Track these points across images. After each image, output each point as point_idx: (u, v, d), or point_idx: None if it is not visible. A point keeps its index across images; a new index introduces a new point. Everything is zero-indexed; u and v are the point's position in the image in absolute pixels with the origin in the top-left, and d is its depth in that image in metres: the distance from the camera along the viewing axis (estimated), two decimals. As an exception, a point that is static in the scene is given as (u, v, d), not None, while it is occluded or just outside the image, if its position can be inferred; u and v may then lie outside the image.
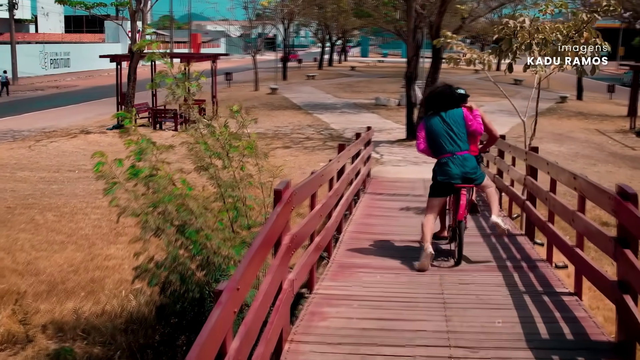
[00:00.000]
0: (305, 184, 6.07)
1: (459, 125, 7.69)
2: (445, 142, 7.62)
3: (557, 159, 21.40)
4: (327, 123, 28.04)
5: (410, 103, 22.84)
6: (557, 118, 31.28)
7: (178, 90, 9.00)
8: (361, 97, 40.21)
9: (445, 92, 7.90)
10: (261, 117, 29.96)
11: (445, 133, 7.64)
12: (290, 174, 17.08)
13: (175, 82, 9.04)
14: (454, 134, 7.64)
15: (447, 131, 7.64)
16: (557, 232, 7.09)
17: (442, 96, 7.86)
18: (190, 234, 8.66)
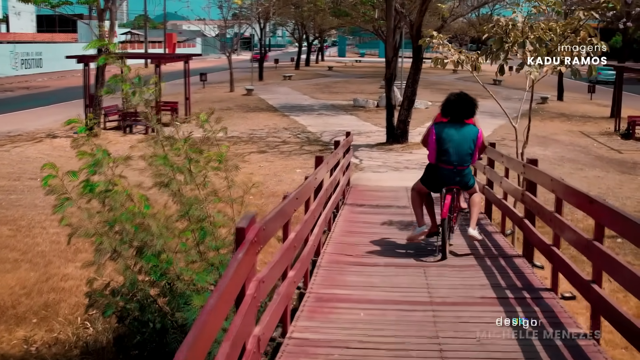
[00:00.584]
0: (275, 215, 5.10)
1: (471, 142, 7.98)
2: (453, 154, 7.91)
3: (543, 163, 20.65)
4: (304, 126, 27.12)
5: (390, 105, 22.00)
6: (540, 120, 30.59)
7: (133, 96, 8.03)
8: (339, 98, 39.33)
9: (466, 100, 8.12)
10: (236, 120, 29.12)
11: (457, 146, 7.91)
12: (265, 182, 16.16)
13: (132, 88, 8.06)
14: (463, 150, 7.94)
15: (459, 145, 7.91)
16: (567, 261, 6.20)
17: (463, 103, 8.07)
18: (149, 259, 7.73)
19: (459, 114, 8.04)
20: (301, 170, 17.53)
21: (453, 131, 7.93)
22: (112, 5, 22.90)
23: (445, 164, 7.96)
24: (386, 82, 22.20)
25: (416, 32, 21.34)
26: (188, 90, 28.07)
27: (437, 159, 8.01)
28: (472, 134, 8.01)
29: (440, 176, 8.05)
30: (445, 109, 8.20)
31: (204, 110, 30.42)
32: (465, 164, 8.03)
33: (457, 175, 8.01)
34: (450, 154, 7.89)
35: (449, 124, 8.05)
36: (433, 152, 8.04)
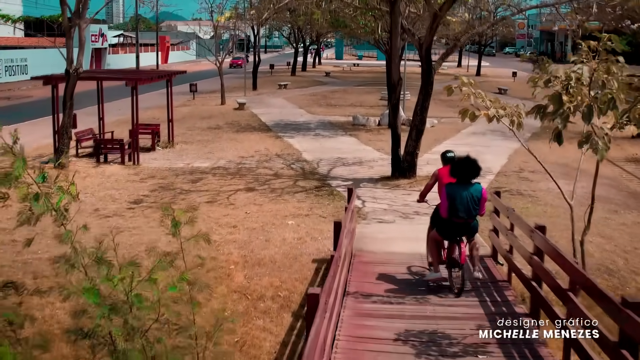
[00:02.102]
0: None
1: (477, 200, 9.43)
2: (463, 210, 9.37)
3: (565, 202, 18.11)
4: (298, 151, 24.52)
5: (396, 135, 19.46)
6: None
7: (37, 205, 5.38)
8: (337, 112, 36.73)
9: (472, 164, 9.47)
10: (224, 143, 26.49)
11: (466, 204, 9.36)
12: (250, 241, 13.56)
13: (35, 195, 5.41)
14: (472, 208, 9.41)
15: (467, 203, 9.36)
16: None
17: (470, 167, 9.44)
18: None
19: (466, 177, 9.45)
20: (293, 222, 14.95)
21: (462, 191, 9.39)
22: (80, 21, 20.26)
23: (457, 219, 9.47)
24: (391, 109, 19.65)
25: (425, 52, 18.79)
26: (171, 112, 25.47)
27: (449, 214, 9.46)
28: (477, 192, 9.49)
29: (454, 228, 9.57)
30: (454, 172, 9.56)
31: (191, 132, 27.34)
32: (473, 217, 9.56)
33: (468, 227, 9.62)
34: (460, 210, 9.37)
35: (457, 185, 9.45)
36: (445, 209, 9.47)
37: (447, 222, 9.55)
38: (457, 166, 9.51)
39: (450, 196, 9.35)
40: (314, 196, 17.77)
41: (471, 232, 9.69)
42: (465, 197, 9.33)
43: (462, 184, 9.42)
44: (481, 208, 9.53)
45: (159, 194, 18.05)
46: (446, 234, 9.70)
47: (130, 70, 24.32)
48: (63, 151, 20.38)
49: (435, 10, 18.06)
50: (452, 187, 9.43)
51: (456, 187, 9.41)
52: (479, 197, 9.42)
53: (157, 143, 24.91)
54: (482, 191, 9.50)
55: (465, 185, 9.42)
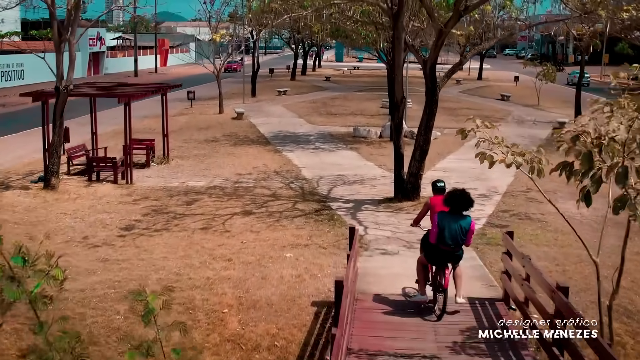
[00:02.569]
0: None
1: (465, 232, 10.01)
2: (449, 239, 9.96)
3: (583, 229, 17.29)
4: (297, 168, 23.75)
5: (399, 155, 18.70)
6: (563, 154, 27.16)
7: (9, 291, 4.57)
8: (337, 122, 35.95)
9: (466, 198, 10.01)
10: (221, 159, 25.66)
11: (455, 234, 9.96)
12: (246, 278, 12.77)
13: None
14: (459, 239, 10.03)
15: (456, 233, 9.96)
16: None
17: (464, 200, 10.00)
18: None
19: (458, 208, 10.03)
20: (292, 254, 14.17)
21: (452, 222, 9.97)
22: (70, 35, 19.47)
23: (444, 246, 10.04)
24: (394, 128, 18.85)
25: (430, 70, 18.02)
26: (166, 127, 24.66)
27: (437, 241, 10.04)
28: (466, 224, 10.05)
29: (440, 254, 10.16)
30: (448, 202, 10.12)
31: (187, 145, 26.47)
32: (459, 247, 10.16)
33: (453, 255, 10.19)
34: (448, 239, 9.96)
35: (449, 215, 10.03)
36: (435, 236, 10.05)
37: (434, 248, 10.19)
38: (451, 198, 10.14)
39: (441, 225, 10.01)
40: (314, 221, 16.99)
41: (456, 259, 10.28)
42: (455, 228, 9.97)
43: (453, 215, 10.06)
44: (468, 239, 10.19)
45: (151, 219, 17.28)
46: (433, 259, 10.35)
47: (124, 85, 23.45)
48: (53, 172, 19.57)
49: (441, 27, 17.30)
50: (443, 216, 10.09)
51: (448, 217, 10.05)
52: (467, 229, 10.05)
53: (152, 159, 24.13)
54: (470, 224, 10.11)
55: (456, 217, 10.05)
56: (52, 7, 19.32)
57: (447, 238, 9.95)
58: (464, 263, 13.82)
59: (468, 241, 10.20)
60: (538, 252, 14.98)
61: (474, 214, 17.67)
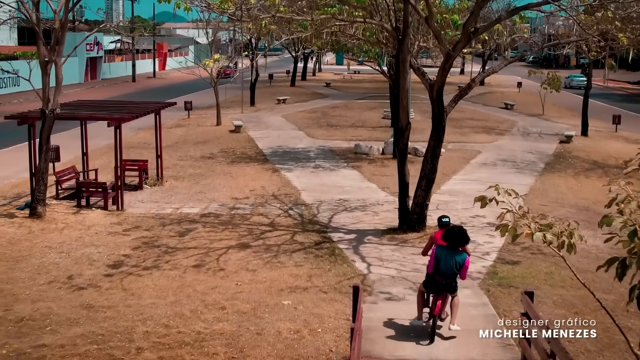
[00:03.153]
0: None
1: (459, 266, 11.09)
2: (444, 271, 11.06)
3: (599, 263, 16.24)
4: (297, 190, 22.76)
5: (404, 183, 17.70)
6: (573, 175, 26.23)
7: None
8: (338, 136, 34.93)
9: (462, 235, 11.06)
10: (217, 180, 24.54)
11: (448, 266, 11.02)
12: (239, 333, 11.76)
13: None
14: (452, 270, 11.07)
15: (450, 267, 11.02)
16: None
17: (460, 237, 11.05)
18: None
19: (455, 244, 11.00)
20: (290, 301, 13.15)
21: (448, 256, 10.98)
22: (57, 57, 18.47)
23: (439, 277, 11.04)
24: (399, 156, 17.85)
25: (437, 95, 17.04)
26: (160, 148, 23.66)
27: (433, 272, 11.07)
28: (462, 260, 11.05)
29: (435, 284, 11.11)
30: (445, 237, 11.08)
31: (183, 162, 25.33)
32: (452, 278, 11.07)
33: (447, 285, 11.09)
34: (443, 270, 11.01)
35: (447, 248, 11.01)
36: (431, 267, 11.12)
37: (430, 277, 11.24)
38: (449, 234, 11.12)
39: (437, 257, 11.08)
40: (314, 257, 16.00)
41: (450, 290, 11.21)
42: (450, 261, 11.00)
43: (450, 249, 11.06)
44: (462, 274, 11.19)
45: (141, 253, 16.29)
46: (428, 287, 11.31)
47: (114, 104, 22.33)
48: (39, 200, 18.57)
49: (449, 50, 16.31)
50: (441, 250, 11.13)
51: (445, 251, 11.08)
52: (461, 265, 11.07)
53: (145, 181, 23.12)
54: (465, 260, 11.12)
55: (453, 251, 11.06)
56: (37, 27, 18.33)
57: (442, 270, 11.03)
58: (475, 310, 12.89)
59: (463, 275, 11.25)
60: (554, 295, 14.01)
61: (482, 248, 16.79)
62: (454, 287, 11.20)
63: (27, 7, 18.53)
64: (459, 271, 11.08)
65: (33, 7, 18.12)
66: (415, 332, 11.39)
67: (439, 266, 11.01)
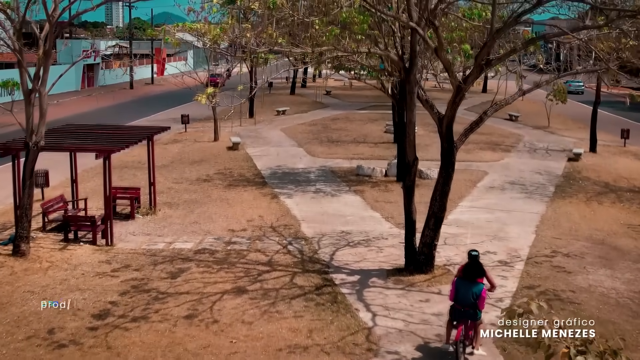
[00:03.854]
0: None
1: (475, 296, 12.08)
2: (462, 300, 12.13)
3: (620, 310, 15.18)
4: (297, 220, 21.67)
5: (410, 221, 16.64)
6: (585, 200, 25.11)
7: None
8: (339, 153, 33.80)
9: (477, 266, 12.34)
10: (213, 208, 23.18)
11: (466, 297, 12.08)
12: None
13: None
14: (470, 300, 12.07)
15: (468, 297, 12.06)
16: None
17: (474, 270, 12.29)
18: None
19: (470, 275, 12.27)
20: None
21: (466, 287, 12.16)
22: (40, 86, 17.39)
23: (458, 306, 12.22)
24: (405, 192, 16.73)
25: (446, 129, 15.97)
26: (153, 174, 22.56)
27: (454, 301, 12.29)
28: (478, 291, 12.13)
29: (456, 312, 12.27)
30: (463, 270, 12.43)
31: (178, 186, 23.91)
32: (471, 307, 12.10)
33: (466, 314, 12.17)
34: (461, 300, 12.17)
35: (464, 280, 12.25)
36: (451, 296, 12.36)
37: (452, 306, 12.37)
38: (465, 267, 12.41)
39: (457, 288, 12.24)
40: (314, 305, 14.89)
41: (471, 318, 12.17)
42: (467, 292, 12.10)
43: (468, 281, 12.21)
44: (480, 304, 12.15)
45: (130, 300, 15.19)
46: (452, 315, 12.38)
47: (103, 130, 21.11)
48: (23, 237, 17.47)
49: (459, 82, 15.23)
50: (460, 281, 12.29)
51: (463, 282, 12.23)
52: (477, 295, 12.09)
53: (137, 210, 22.02)
54: (482, 291, 12.15)
55: (470, 283, 12.18)
56: (20, 55, 17.24)
57: (461, 300, 12.15)
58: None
59: (481, 306, 12.21)
60: (574, 353, 12.86)
61: (495, 294, 15.63)
62: (474, 314, 12.17)
63: (9, 34, 17.44)
64: (476, 300, 12.10)
65: (15, 35, 17.00)
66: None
67: (458, 296, 12.21)
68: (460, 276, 12.36)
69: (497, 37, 14.66)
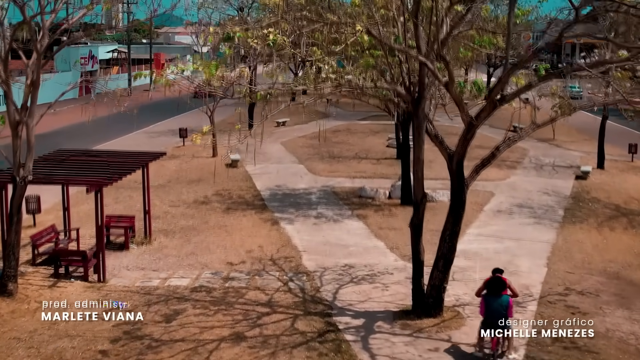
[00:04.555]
0: None
1: (504, 307, 13.65)
2: (492, 312, 13.62)
3: None
4: (298, 252, 20.82)
5: (418, 262, 15.80)
6: (596, 226, 24.23)
7: None
8: (341, 171, 32.90)
9: (498, 282, 13.80)
10: (212, 235, 22.25)
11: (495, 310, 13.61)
12: None
13: None
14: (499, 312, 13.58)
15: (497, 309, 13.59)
16: None
17: (496, 284, 13.79)
18: None
19: (494, 290, 13.77)
20: None
21: (493, 299, 13.73)
22: (27, 119, 16.52)
23: (489, 318, 13.61)
24: (412, 230, 15.84)
25: (457, 166, 15.10)
26: (148, 202, 21.70)
27: (485, 316, 13.74)
28: (505, 302, 13.71)
29: (488, 324, 13.59)
30: (487, 286, 13.88)
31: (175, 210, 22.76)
32: (501, 317, 13.55)
33: (499, 324, 13.48)
34: (490, 312, 13.64)
35: (491, 294, 13.78)
36: (482, 310, 13.88)
37: (484, 320, 13.73)
38: (489, 283, 13.85)
39: (486, 302, 13.75)
40: (317, 355, 14.05)
41: (502, 328, 13.49)
42: (495, 305, 13.62)
43: (494, 295, 13.72)
44: (509, 313, 13.67)
45: (121, 349, 14.33)
46: (485, 326, 13.65)
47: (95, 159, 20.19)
48: (10, 277, 16.61)
49: (471, 118, 14.37)
50: (487, 296, 13.79)
51: (490, 297, 13.73)
52: (505, 306, 13.61)
53: (131, 239, 21.14)
54: (508, 302, 13.69)
55: (496, 296, 13.70)
56: (5, 85, 16.36)
57: (490, 312, 13.60)
58: None
59: (510, 314, 13.73)
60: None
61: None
62: (504, 324, 13.58)
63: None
64: (505, 311, 13.62)
65: (1, 65, 16.12)
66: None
67: (489, 310, 13.69)
68: (486, 292, 13.86)
69: (513, 73, 13.81)
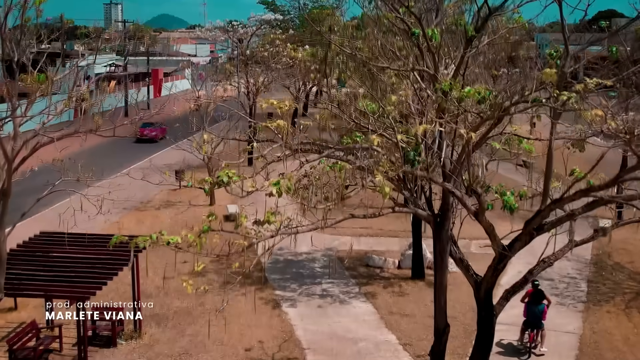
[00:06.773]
0: None
1: (540, 313, 18.53)
2: (532, 316, 18.54)
3: None
4: (301, 350, 19.04)
5: None
6: (623, 307, 22.41)
7: None
8: (345, 227, 30.76)
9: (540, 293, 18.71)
10: (206, 324, 20.58)
11: (535, 314, 18.50)
12: None
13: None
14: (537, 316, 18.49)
15: (535, 314, 18.47)
16: None
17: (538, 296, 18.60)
18: None
19: (535, 300, 18.57)
20: None
21: (533, 306, 18.59)
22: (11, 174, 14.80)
23: (530, 319, 18.54)
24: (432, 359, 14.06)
25: (485, 295, 13.34)
26: (138, 292, 19.87)
27: (526, 316, 18.64)
28: (541, 308, 18.64)
29: (528, 324, 18.60)
30: (531, 295, 18.56)
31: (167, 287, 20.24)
32: (538, 320, 18.47)
33: (535, 325, 18.47)
34: (531, 316, 18.55)
35: (532, 302, 18.66)
36: (525, 313, 18.71)
37: (525, 319, 18.74)
38: (533, 294, 18.65)
39: (528, 307, 18.68)
40: None
41: (539, 327, 18.55)
42: (534, 310, 18.59)
43: (534, 303, 18.68)
44: (543, 317, 18.61)
45: None
46: (526, 325, 18.72)
47: (82, 251, 18.37)
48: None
49: (503, 248, 12.56)
50: (529, 303, 18.70)
51: (532, 304, 18.69)
52: (541, 312, 18.61)
53: (120, 334, 19.31)
54: (543, 309, 18.70)
55: (535, 304, 18.65)
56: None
57: (530, 315, 18.57)
58: None
59: (544, 318, 18.62)
60: None
61: None
62: (540, 324, 18.50)
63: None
64: (541, 315, 18.53)
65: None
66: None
67: (529, 315, 18.55)
68: (528, 300, 18.70)
69: (554, 206, 12.01)
